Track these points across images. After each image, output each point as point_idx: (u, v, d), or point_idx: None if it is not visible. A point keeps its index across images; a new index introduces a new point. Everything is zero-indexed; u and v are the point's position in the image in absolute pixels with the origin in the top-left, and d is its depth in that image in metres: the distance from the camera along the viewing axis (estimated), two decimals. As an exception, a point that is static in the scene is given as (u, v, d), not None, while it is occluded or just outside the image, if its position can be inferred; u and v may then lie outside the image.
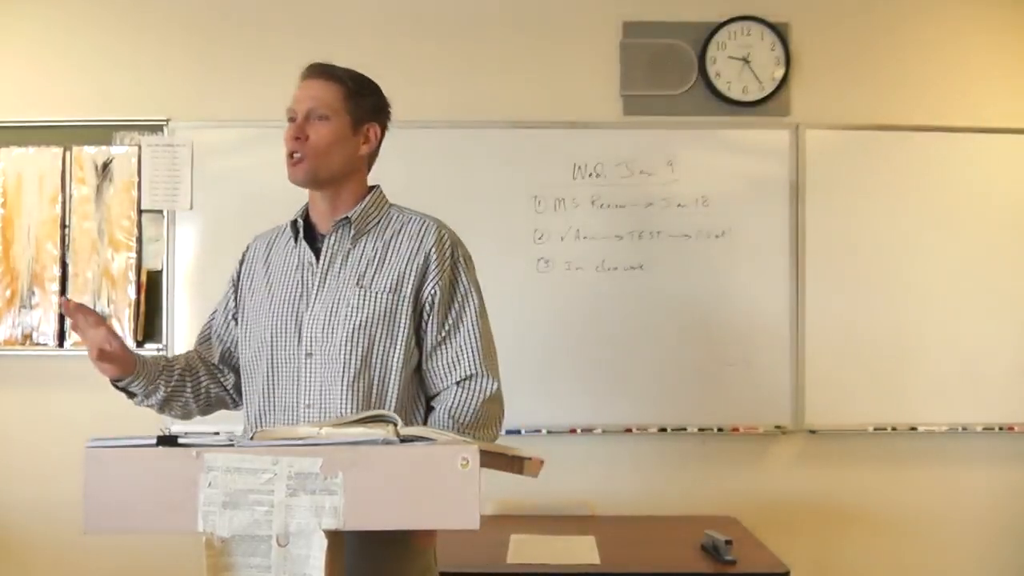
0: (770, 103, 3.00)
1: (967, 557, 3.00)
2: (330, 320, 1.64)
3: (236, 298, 1.81)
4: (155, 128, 2.95)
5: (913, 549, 2.99)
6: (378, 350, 1.64)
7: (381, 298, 1.65)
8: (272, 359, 1.66)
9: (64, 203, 2.93)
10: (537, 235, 2.93)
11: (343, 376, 1.62)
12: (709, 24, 2.99)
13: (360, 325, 1.63)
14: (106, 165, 2.94)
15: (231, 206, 2.91)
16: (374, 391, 1.63)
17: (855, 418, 2.94)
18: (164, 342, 2.89)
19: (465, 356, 1.70)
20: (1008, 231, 2.98)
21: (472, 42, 3.01)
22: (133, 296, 2.91)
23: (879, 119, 2.99)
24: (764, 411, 2.94)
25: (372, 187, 1.79)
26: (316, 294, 1.67)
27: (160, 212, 2.93)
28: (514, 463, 1.52)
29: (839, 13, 3.04)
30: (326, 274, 1.68)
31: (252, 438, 1.29)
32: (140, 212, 2.94)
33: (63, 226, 2.93)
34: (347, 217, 1.71)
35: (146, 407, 1.74)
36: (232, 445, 1.23)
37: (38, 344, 2.92)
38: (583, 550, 2.28)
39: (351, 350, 1.62)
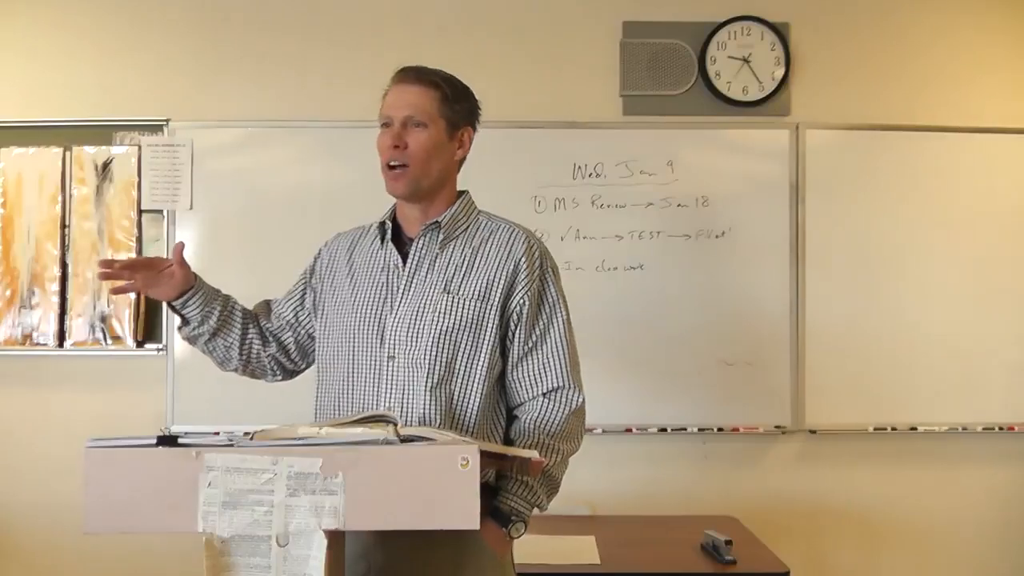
0: (770, 103, 3.00)
1: (967, 557, 3.00)
2: (415, 324, 1.62)
3: (306, 291, 1.82)
4: (155, 128, 2.95)
5: (913, 549, 2.99)
6: (463, 357, 1.63)
7: (468, 305, 1.64)
8: (353, 359, 1.65)
9: (64, 203, 2.93)
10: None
11: (426, 382, 1.60)
12: (709, 24, 2.99)
13: (445, 331, 1.62)
14: (106, 165, 2.94)
15: (231, 206, 2.91)
16: (455, 398, 1.62)
17: (855, 418, 2.95)
18: (164, 342, 2.89)
19: (553, 368, 1.69)
20: (1008, 231, 2.98)
21: (472, 42, 3.01)
22: (133, 296, 2.90)
23: (879, 119, 2.99)
24: (764, 411, 2.94)
25: (461, 192, 1.79)
26: (401, 297, 1.65)
27: (160, 212, 2.93)
28: (514, 463, 1.52)
29: (839, 13, 3.04)
30: (412, 277, 1.67)
31: (252, 438, 1.29)
32: (140, 212, 2.94)
33: (63, 226, 2.93)
34: (437, 222, 1.69)
35: (192, 337, 1.75)
36: (232, 445, 1.23)
37: (38, 344, 2.91)
38: (583, 550, 2.28)
39: (436, 356, 1.61)
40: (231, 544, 1.20)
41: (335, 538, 1.23)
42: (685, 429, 2.93)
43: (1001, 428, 2.96)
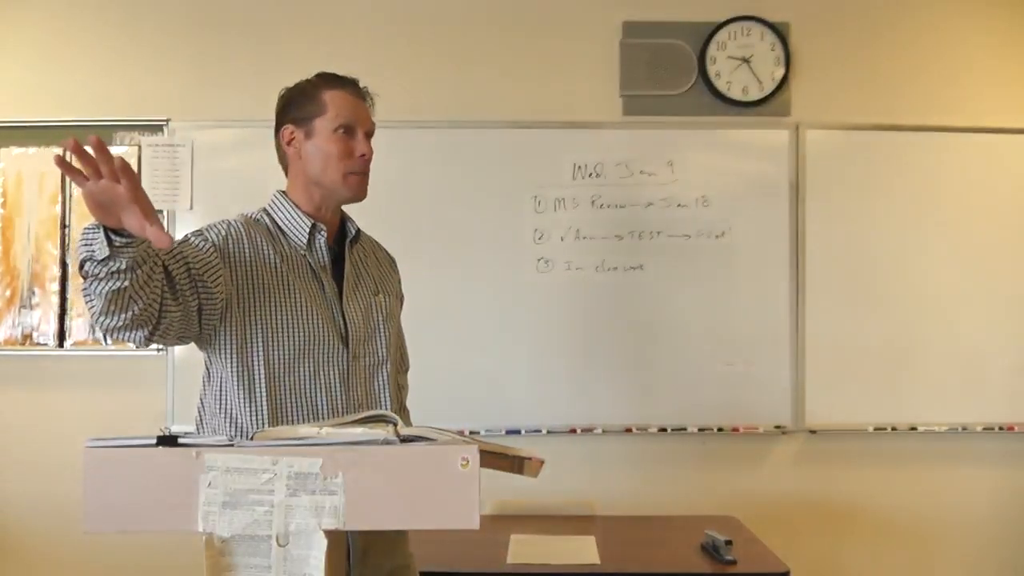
0: (770, 103, 3.00)
1: (967, 557, 3.00)
2: (368, 325, 1.75)
3: (222, 273, 1.61)
4: (155, 128, 2.95)
5: (913, 549, 2.99)
6: (396, 350, 1.87)
7: (398, 304, 1.89)
8: (315, 361, 1.66)
9: (64, 203, 2.94)
10: (537, 235, 2.94)
11: (385, 376, 1.76)
12: (709, 24, 2.99)
13: (395, 330, 1.85)
14: (106, 165, 2.94)
15: (231, 206, 2.87)
16: (393, 383, 1.81)
17: (855, 418, 2.95)
18: (164, 342, 2.90)
19: (407, 351, 2.00)
20: (1008, 231, 2.98)
21: (472, 42, 3.01)
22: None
23: (879, 119, 2.99)
24: (764, 411, 2.94)
25: None
26: (346, 300, 1.72)
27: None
28: (514, 463, 1.52)
29: (839, 13, 3.04)
30: (352, 280, 1.76)
31: (252, 438, 1.29)
32: (140, 212, 2.93)
33: (63, 226, 2.93)
34: (359, 230, 1.82)
35: (108, 282, 1.35)
36: (232, 445, 1.23)
37: (38, 344, 2.92)
38: (583, 550, 2.28)
39: (392, 351, 1.80)
40: (231, 544, 1.20)
41: (335, 538, 1.23)
42: (685, 429, 2.93)
43: (1001, 428, 2.96)
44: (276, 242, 1.72)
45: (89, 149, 1.23)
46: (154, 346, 2.88)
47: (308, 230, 1.72)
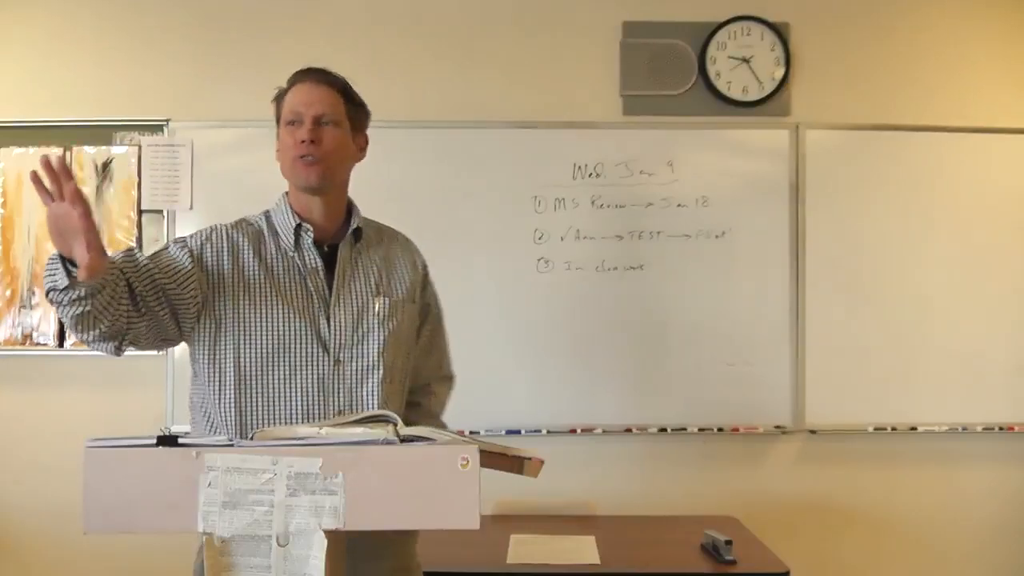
0: (770, 103, 3.00)
1: (967, 557, 3.00)
2: (359, 328, 1.68)
3: (195, 279, 1.63)
4: (155, 128, 2.95)
5: (913, 549, 2.99)
6: (401, 356, 1.74)
7: (403, 307, 1.76)
8: (290, 365, 1.64)
9: (64, 203, 2.93)
10: (537, 235, 2.94)
11: (378, 382, 1.67)
12: (709, 24, 2.99)
13: (392, 333, 1.71)
14: (106, 165, 2.94)
15: (231, 206, 2.86)
16: (395, 391, 1.73)
17: (855, 418, 2.95)
18: (164, 342, 2.89)
19: (446, 358, 1.94)
20: (1008, 231, 2.98)
21: (472, 42, 3.01)
22: (133, 296, 2.90)
23: (879, 119, 2.99)
24: (764, 411, 2.94)
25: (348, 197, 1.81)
26: (336, 301, 1.68)
27: (160, 212, 2.93)
28: (514, 463, 1.52)
29: (839, 13, 3.04)
30: (343, 281, 1.70)
31: (252, 438, 1.29)
32: (140, 212, 2.94)
33: (63, 226, 2.93)
34: (358, 227, 1.75)
35: (71, 308, 1.44)
36: (232, 445, 1.23)
37: (38, 344, 2.92)
38: (583, 550, 2.28)
39: (385, 356, 1.69)
40: (231, 544, 1.20)
41: (335, 538, 1.23)
42: (685, 429, 2.93)
43: (1001, 428, 2.96)
44: (263, 244, 1.72)
45: (53, 160, 1.35)
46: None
47: (293, 229, 1.71)
